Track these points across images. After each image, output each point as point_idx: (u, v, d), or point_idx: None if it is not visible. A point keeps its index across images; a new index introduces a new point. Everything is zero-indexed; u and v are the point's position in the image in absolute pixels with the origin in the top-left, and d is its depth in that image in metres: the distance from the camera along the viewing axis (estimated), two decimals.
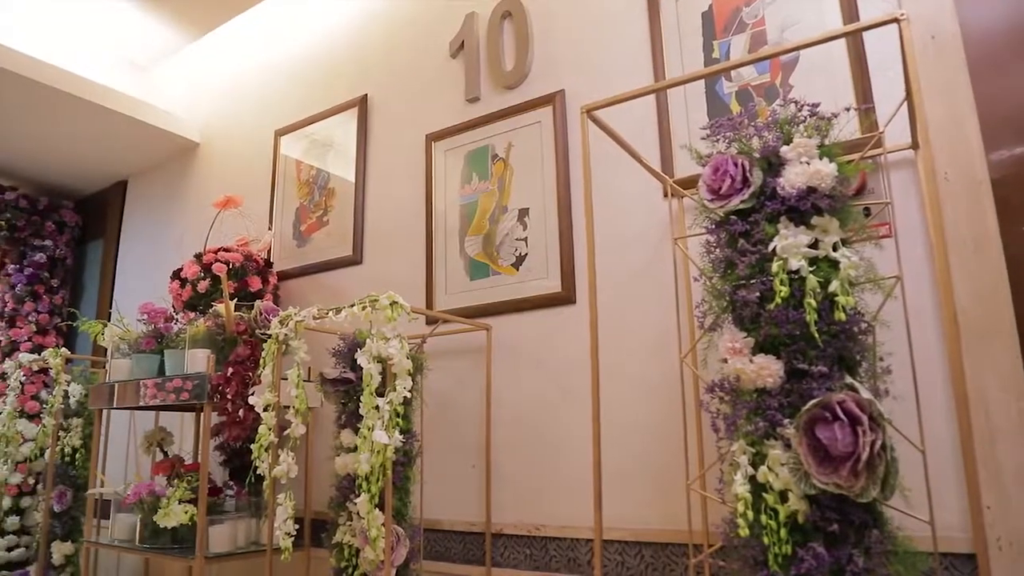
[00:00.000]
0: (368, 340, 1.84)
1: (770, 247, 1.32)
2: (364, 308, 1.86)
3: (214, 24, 3.82)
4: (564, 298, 2.23)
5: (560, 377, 2.21)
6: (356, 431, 1.86)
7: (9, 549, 3.61)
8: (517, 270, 2.36)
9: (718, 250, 1.45)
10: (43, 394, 3.86)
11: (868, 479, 1.16)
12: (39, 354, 3.18)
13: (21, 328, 4.10)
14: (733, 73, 2.05)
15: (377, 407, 1.77)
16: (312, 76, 3.30)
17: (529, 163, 2.42)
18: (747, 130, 1.47)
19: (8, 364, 3.58)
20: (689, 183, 1.97)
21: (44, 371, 3.82)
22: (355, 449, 1.84)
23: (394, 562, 1.86)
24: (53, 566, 3.03)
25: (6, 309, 4.15)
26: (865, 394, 1.20)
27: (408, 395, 1.83)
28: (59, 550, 3.02)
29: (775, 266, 1.30)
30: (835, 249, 1.30)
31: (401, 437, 1.82)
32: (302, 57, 3.37)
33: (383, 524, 1.78)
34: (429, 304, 2.54)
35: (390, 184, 2.84)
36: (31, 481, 3.69)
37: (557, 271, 2.26)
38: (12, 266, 4.20)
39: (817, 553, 1.17)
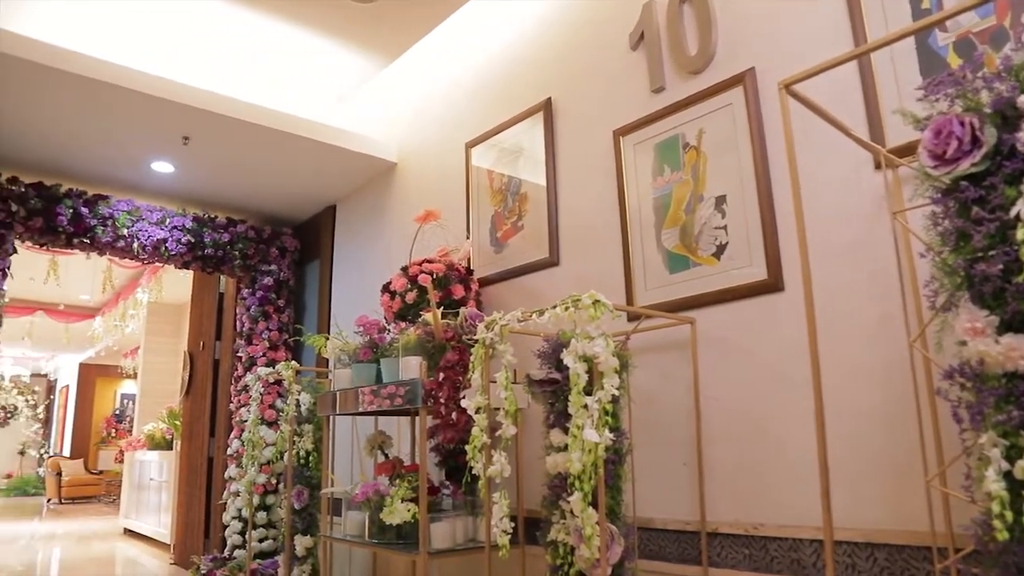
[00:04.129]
0: (572, 340, 1.85)
1: (1012, 212, 1.18)
2: (567, 308, 1.88)
3: (401, 49, 4.07)
4: (771, 285, 2.12)
5: (772, 368, 2.10)
6: (565, 430, 1.88)
7: (260, 540, 4.07)
8: (718, 260, 2.28)
9: (947, 221, 1.31)
10: (278, 403, 4.30)
11: None
12: (273, 367, 3.52)
13: (256, 345, 4.59)
14: (950, 22, 1.84)
15: (586, 406, 1.77)
16: (495, 86, 3.39)
17: (722, 148, 2.32)
18: (972, 84, 1.31)
19: (249, 377, 4.03)
20: (904, 151, 1.81)
21: (278, 382, 4.26)
22: (565, 448, 1.86)
23: (609, 560, 1.86)
24: (296, 557, 3.37)
25: (244, 328, 4.66)
26: None
27: (616, 393, 1.82)
28: (301, 543, 3.36)
29: (1020, 233, 1.15)
30: None
31: (611, 435, 1.82)
32: (485, 69, 3.48)
33: (597, 522, 1.78)
34: (629, 300, 2.52)
35: (581, 184, 2.85)
36: (274, 481, 4.14)
37: (761, 258, 2.16)
38: (246, 290, 4.72)
39: None
